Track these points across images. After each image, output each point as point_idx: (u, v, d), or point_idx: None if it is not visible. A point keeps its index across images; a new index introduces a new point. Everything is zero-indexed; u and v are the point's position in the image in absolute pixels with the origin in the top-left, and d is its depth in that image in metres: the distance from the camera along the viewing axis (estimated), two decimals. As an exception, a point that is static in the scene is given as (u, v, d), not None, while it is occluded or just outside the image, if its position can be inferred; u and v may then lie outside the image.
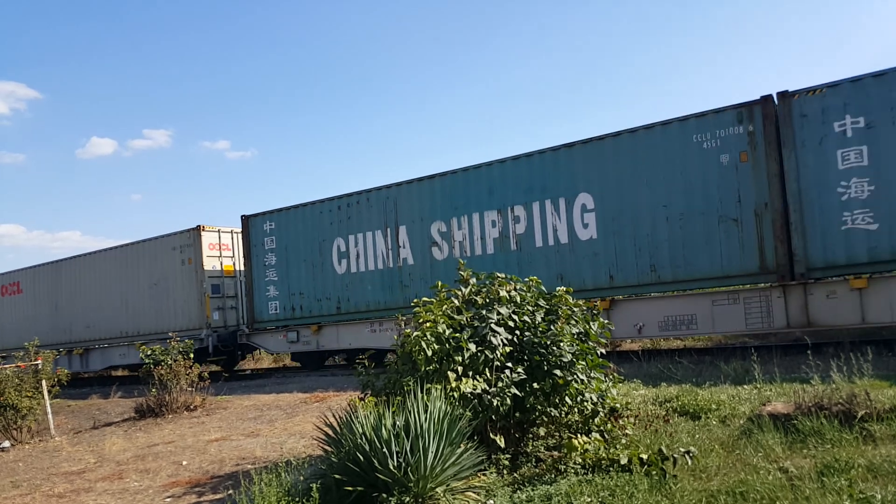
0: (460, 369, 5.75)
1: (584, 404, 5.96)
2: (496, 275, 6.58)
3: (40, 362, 11.98)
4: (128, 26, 70.79)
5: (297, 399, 11.70)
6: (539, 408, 5.90)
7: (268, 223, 17.40)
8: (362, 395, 6.46)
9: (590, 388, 5.98)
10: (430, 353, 5.71)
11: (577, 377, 5.89)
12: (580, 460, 5.47)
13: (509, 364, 5.89)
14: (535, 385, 5.79)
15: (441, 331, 5.82)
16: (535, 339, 5.99)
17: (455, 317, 6.14)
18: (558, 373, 5.79)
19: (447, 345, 5.82)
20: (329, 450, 5.53)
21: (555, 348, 5.87)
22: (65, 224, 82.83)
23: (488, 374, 5.79)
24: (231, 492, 6.21)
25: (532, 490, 5.09)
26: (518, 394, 5.73)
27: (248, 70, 71.53)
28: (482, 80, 72.40)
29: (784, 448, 5.59)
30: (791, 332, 11.98)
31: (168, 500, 6.41)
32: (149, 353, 12.42)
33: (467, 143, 79.73)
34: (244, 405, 11.93)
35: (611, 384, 6.33)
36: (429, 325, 5.91)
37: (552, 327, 6.05)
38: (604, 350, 6.53)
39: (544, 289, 6.68)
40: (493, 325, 5.92)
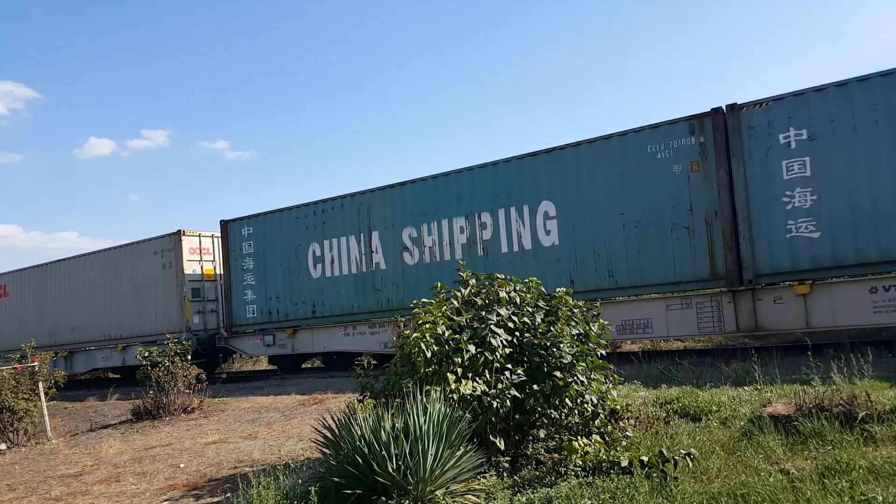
0: (460, 371, 5.72)
1: (585, 406, 5.93)
2: (496, 276, 6.56)
3: (37, 364, 11.94)
4: (126, 27, 70.80)
5: (296, 401, 11.67)
6: (539, 410, 5.87)
7: (246, 228, 17.50)
8: (361, 397, 6.42)
9: (590, 390, 5.95)
10: (429, 354, 5.67)
11: (578, 379, 5.86)
12: (580, 463, 5.43)
13: (509, 365, 5.85)
14: (535, 387, 5.76)
15: (440, 332, 5.79)
16: (535, 341, 5.96)
17: (454, 318, 6.11)
18: (558, 374, 5.76)
19: (446, 346, 5.78)
20: (327, 452, 5.49)
21: (555, 350, 5.84)
22: (62, 225, 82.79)
23: (488, 376, 5.76)
24: (229, 495, 6.16)
25: (532, 493, 5.06)
26: (518, 395, 5.70)
27: (246, 70, 71.57)
28: (482, 80, 72.48)
29: (785, 449, 5.57)
30: (739, 337, 12.32)
31: (165, 503, 6.37)
32: (146, 355, 12.38)
33: (467, 143, 79.82)
34: (242, 407, 11.89)
35: (611, 386, 6.32)
36: (428, 326, 5.87)
37: (552, 328, 6.01)
38: (604, 351, 6.52)
39: (544, 290, 6.66)
40: (492, 327, 5.89)
